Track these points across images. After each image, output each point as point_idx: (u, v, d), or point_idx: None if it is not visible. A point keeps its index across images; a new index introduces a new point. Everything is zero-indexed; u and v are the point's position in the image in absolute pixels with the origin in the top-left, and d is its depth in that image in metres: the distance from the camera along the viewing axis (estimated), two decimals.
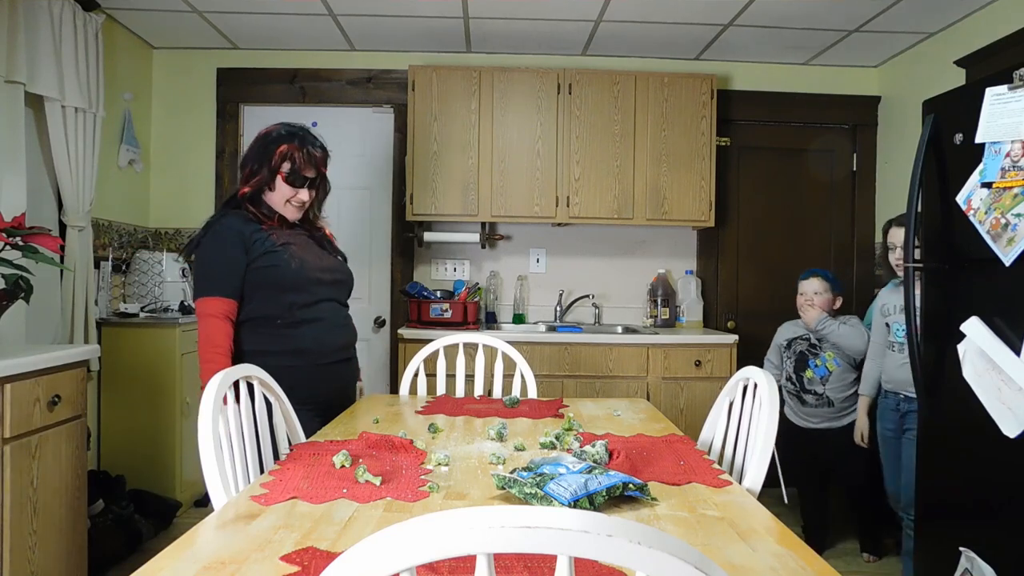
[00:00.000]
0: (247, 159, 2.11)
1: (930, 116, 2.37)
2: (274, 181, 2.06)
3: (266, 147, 2.07)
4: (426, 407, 2.22)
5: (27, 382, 2.09)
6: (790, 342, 3.17)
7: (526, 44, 3.92)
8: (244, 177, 2.09)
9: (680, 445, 1.76)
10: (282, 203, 2.09)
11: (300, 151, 2.06)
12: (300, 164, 2.06)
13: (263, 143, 2.08)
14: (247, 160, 2.11)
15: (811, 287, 3.10)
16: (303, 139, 2.09)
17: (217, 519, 1.22)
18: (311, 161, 2.09)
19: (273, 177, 2.06)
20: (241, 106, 4.08)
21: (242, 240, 2.00)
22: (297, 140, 2.08)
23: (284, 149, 2.06)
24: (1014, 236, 2.01)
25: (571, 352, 3.49)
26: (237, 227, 2.01)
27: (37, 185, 3.01)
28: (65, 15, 2.97)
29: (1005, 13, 3.05)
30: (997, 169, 2.08)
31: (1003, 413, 2.03)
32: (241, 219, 2.03)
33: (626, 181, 3.76)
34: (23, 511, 2.08)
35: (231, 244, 1.99)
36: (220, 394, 1.53)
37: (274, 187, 2.07)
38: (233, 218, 2.03)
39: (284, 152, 2.06)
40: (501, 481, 1.32)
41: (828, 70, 4.17)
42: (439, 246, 4.08)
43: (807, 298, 3.10)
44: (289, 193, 2.08)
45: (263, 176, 2.06)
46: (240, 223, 2.02)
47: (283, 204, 2.09)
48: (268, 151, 2.06)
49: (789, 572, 1.03)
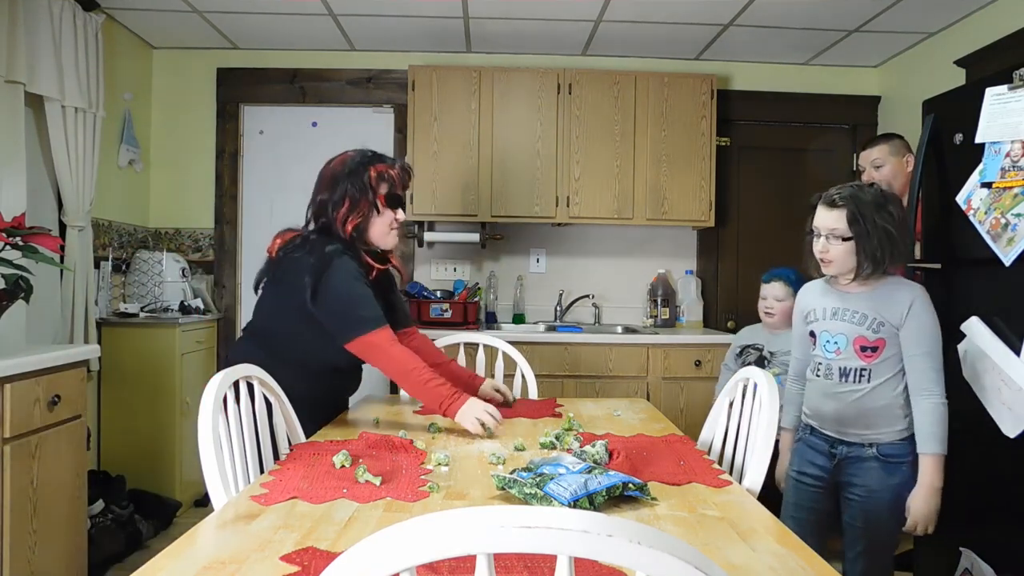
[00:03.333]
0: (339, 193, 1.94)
1: (930, 116, 2.37)
2: (377, 206, 1.96)
3: (357, 173, 1.95)
4: (424, 407, 2.22)
5: (27, 382, 2.09)
6: (743, 349, 2.79)
7: (526, 44, 3.92)
8: (344, 212, 1.93)
9: (680, 445, 1.76)
10: (386, 231, 1.99)
11: (392, 168, 1.99)
12: (395, 182, 1.99)
13: (351, 170, 1.95)
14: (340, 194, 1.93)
15: (772, 292, 2.71)
16: (384, 157, 2.02)
17: (217, 519, 1.22)
18: (401, 178, 2.02)
19: (375, 203, 1.96)
20: (241, 106, 4.08)
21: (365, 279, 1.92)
22: (385, 159, 2.00)
23: (379, 170, 1.96)
24: (1014, 236, 2.01)
25: (571, 352, 3.48)
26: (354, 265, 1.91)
27: (37, 185, 3.01)
28: (65, 15, 2.97)
29: (1005, 13, 3.05)
30: (997, 169, 2.08)
31: (1003, 413, 2.03)
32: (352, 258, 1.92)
33: (626, 181, 3.76)
34: (23, 511, 2.08)
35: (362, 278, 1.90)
36: (220, 394, 1.53)
37: (380, 212, 1.97)
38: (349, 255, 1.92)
39: (380, 172, 1.96)
40: (501, 482, 1.32)
41: (828, 70, 4.17)
42: (439, 246, 4.08)
43: (767, 304, 2.72)
44: (391, 217, 1.99)
45: (366, 203, 1.94)
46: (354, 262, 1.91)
47: (387, 232, 2.00)
48: (362, 177, 1.94)
49: (789, 572, 1.03)
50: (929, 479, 1.80)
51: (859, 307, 1.88)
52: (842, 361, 1.89)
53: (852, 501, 1.90)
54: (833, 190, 1.91)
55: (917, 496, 1.82)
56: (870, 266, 1.83)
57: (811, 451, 2.01)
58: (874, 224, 1.81)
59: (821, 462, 1.97)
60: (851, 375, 1.89)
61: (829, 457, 1.96)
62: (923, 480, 1.81)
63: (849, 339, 1.88)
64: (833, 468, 1.95)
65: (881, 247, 1.81)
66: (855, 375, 1.88)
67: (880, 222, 1.82)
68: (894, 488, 1.85)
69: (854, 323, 1.88)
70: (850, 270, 1.87)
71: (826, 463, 1.96)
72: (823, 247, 1.90)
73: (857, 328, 1.87)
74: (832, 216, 1.87)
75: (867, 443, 1.89)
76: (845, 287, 1.93)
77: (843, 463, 1.92)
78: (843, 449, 1.92)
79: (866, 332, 1.86)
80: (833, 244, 1.87)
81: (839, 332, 1.91)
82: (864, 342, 1.86)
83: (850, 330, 1.88)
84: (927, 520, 1.82)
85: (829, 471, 1.95)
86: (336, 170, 1.97)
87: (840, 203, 1.86)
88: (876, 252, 1.82)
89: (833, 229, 1.86)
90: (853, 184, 1.92)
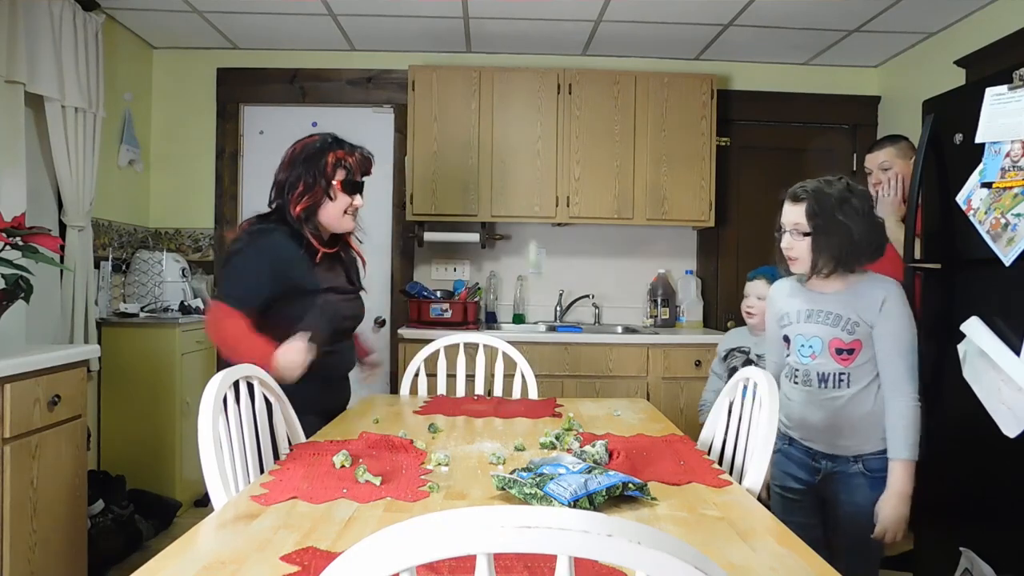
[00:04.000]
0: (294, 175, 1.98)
1: (930, 116, 2.37)
2: (331, 192, 2.00)
3: (315, 158, 1.99)
4: (424, 407, 2.22)
5: (27, 382, 2.09)
6: (728, 352, 2.63)
7: (526, 44, 3.92)
8: (297, 195, 1.97)
9: (680, 445, 1.76)
10: (339, 215, 2.02)
11: (351, 156, 2.02)
12: (354, 169, 2.03)
13: (309, 155, 1.99)
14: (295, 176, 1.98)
15: (755, 290, 2.53)
16: (344, 144, 2.05)
17: (217, 519, 1.22)
18: (361, 165, 2.05)
19: (329, 188, 1.99)
20: (241, 106, 4.08)
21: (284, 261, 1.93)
22: (344, 146, 2.03)
23: (336, 156, 2.00)
24: (1014, 236, 2.01)
25: (571, 352, 3.48)
26: (281, 246, 1.94)
27: (37, 185, 3.01)
28: (65, 15, 2.97)
29: (1005, 13, 3.05)
30: (997, 169, 2.08)
31: (1003, 413, 2.03)
32: (285, 237, 1.95)
33: (626, 181, 3.76)
34: (23, 511, 2.08)
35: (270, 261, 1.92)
36: (220, 394, 1.53)
37: (334, 198, 2.00)
38: (279, 235, 1.95)
39: (337, 159, 2.00)
40: (501, 482, 1.32)
41: (828, 70, 4.17)
42: (439, 246, 4.08)
43: (749, 304, 2.54)
44: (346, 202, 2.02)
45: (320, 188, 1.98)
46: (284, 242, 1.95)
47: (340, 216, 2.03)
48: (319, 161, 1.98)
49: (789, 572, 1.03)
50: (899, 486, 1.72)
51: (832, 307, 1.80)
52: (819, 366, 1.82)
53: (839, 518, 1.83)
54: (799, 184, 1.84)
55: (886, 503, 1.73)
56: (829, 264, 1.76)
57: (792, 464, 1.92)
58: (833, 219, 1.74)
59: (804, 476, 1.89)
60: (830, 380, 1.81)
61: (812, 471, 1.88)
62: (893, 487, 1.72)
63: (824, 342, 1.81)
64: (818, 483, 1.87)
65: (841, 244, 1.74)
66: (834, 380, 1.81)
67: (841, 217, 1.73)
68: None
69: (828, 324, 1.81)
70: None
71: (809, 477, 1.89)
72: (787, 243, 1.83)
73: (832, 330, 1.80)
74: (795, 211, 1.81)
75: (852, 457, 1.81)
76: (818, 287, 1.85)
77: (828, 478, 1.85)
78: (827, 464, 1.84)
79: (841, 333, 1.79)
80: (796, 240, 1.80)
81: (813, 335, 1.83)
82: (840, 344, 1.79)
83: (825, 332, 1.81)
84: (896, 527, 1.73)
85: (813, 485, 1.88)
86: (296, 153, 2.02)
87: (802, 197, 1.79)
88: (835, 249, 1.74)
89: (796, 224, 1.80)
90: (822, 178, 1.84)
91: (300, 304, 1.95)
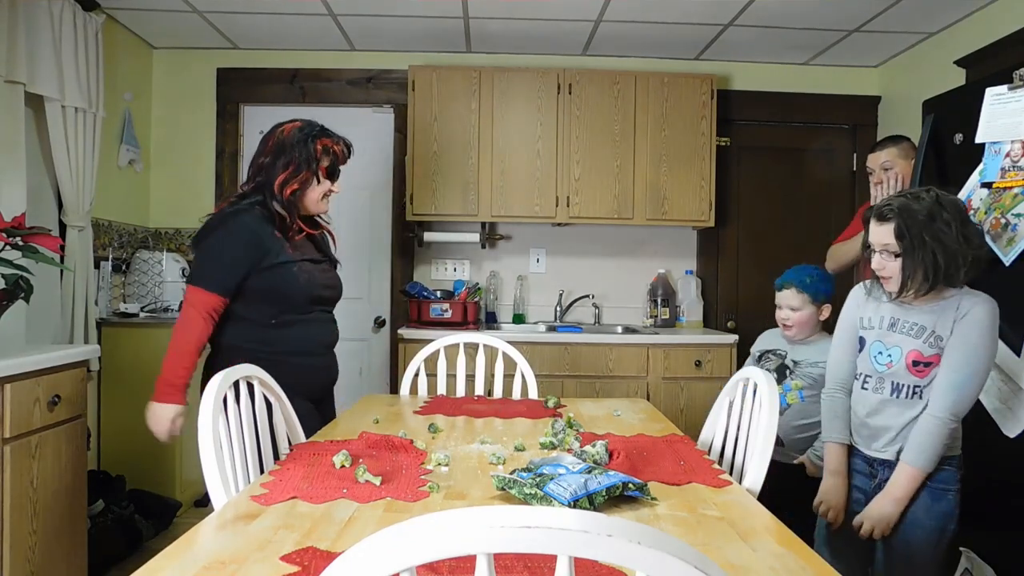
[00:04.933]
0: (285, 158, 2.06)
1: (930, 116, 2.37)
2: (318, 177, 2.09)
3: (305, 143, 2.07)
4: (423, 407, 2.22)
5: (27, 382, 2.09)
6: (762, 355, 2.51)
7: (526, 44, 3.92)
8: (287, 176, 2.05)
9: (680, 445, 1.76)
10: (319, 199, 2.12)
11: (337, 144, 2.14)
12: (338, 157, 2.14)
13: (300, 140, 2.07)
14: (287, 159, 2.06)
15: (786, 301, 2.38)
16: (331, 133, 2.16)
17: (217, 519, 1.22)
18: (344, 154, 2.17)
19: (316, 173, 2.09)
20: (241, 106, 4.08)
21: (256, 244, 1.99)
22: (331, 135, 2.14)
23: (325, 144, 2.10)
24: (1014, 236, 2.01)
25: (571, 352, 3.48)
26: (253, 228, 1.99)
27: (37, 185, 3.01)
28: (65, 15, 2.97)
29: (1005, 13, 3.05)
30: (997, 169, 2.08)
31: (1003, 413, 2.03)
32: (258, 219, 2.01)
33: (626, 181, 3.76)
34: (23, 511, 2.08)
35: (243, 244, 1.97)
36: (220, 394, 1.53)
37: (319, 181, 2.10)
38: (250, 217, 2.01)
39: (325, 147, 2.10)
40: (501, 482, 1.32)
41: (828, 70, 4.17)
42: (439, 246, 4.07)
43: (783, 316, 2.40)
44: (327, 187, 2.13)
45: (309, 172, 2.07)
46: (257, 223, 2.00)
47: (319, 200, 2.13)
48: (310, 147, 2.07)
49: (789, 572, 1.03)
50: (895, 489, 1.71)
51: (919, 319, 1.74)
52: (893, 375, 1.77)
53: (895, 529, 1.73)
54: (884, 200, 1.77)
55: (877, 500, 1.73)
56: (922, 286, 1.69)
57: (856, 474, 1.87)
58: (921, 239, 1.66)
59: (862, 484, 1.84)
60: (903, 391, 1.75)
61: (870, 477, 1.83)
62: (889, 487, 1.72)
63: (904, 352, 1.75)
64: (872, 491, 1.79)
65: (935, 262, 1.66)
66: (908, 391, 1.75)
67: (931, 234, 1.66)
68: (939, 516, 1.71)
69: (911, 335, 1.74)
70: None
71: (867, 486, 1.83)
72: (878, 263, 1.75)
73: (914, 341, 1.74)
74: (882, 230, 1.73)
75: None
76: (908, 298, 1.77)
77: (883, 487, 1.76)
78: (885, 471, 1.77)
79: (922, 346, 1.72)
80: (887, 260, 1.73)
81: (894, 344, 1.77)
82: (918, 356, 1.73)
83: (906, 343, 1.75)
84: (878, 525, 1.71)
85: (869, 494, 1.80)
86: (286, 137, 2.09)
87: (889, 216, 1.71)
88: (927, 269, 1.67)
89: (886, 245, 1.72)
90: (909, 192, 1.76)
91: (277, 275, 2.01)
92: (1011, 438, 2.00)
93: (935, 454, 1.68)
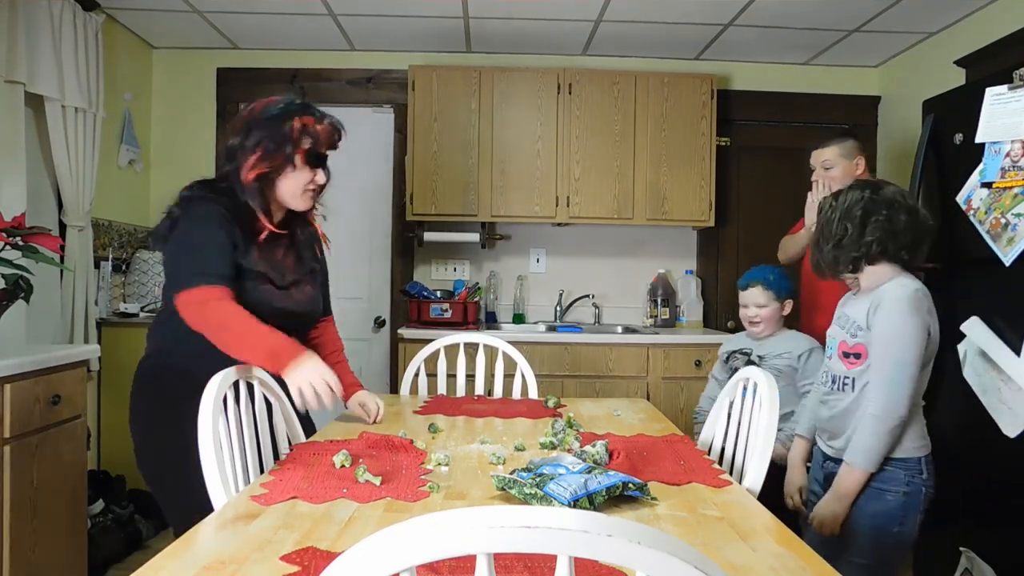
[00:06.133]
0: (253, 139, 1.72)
1: (930, 116, 2.37)
2: (293, 162, 1.73)
3: (277, 120, 1.71)
4: (424, 407, 2.22)
5: (27, 382, 2.09)
6: (729, 355, 2.54)
7: (526, 44, 3.92)
8: (254, 160, 1.70)
9: (680, 445, 1.76)
10: (299, 191, 1.76)
11: (319, 124, 1.75)
12: (320, 139, 1.75)
13: (271, 116, 1.72)
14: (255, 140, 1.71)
15: (752, 299, 2.42)
16: (312, 109, 1.77)
17: (217, 519, 1.22)
18: (329, 137, 1.78)
19: (293, 156, 1.72)
20: (241, 106, 4.06)
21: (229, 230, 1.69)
22: (313, 112, 1.76)
23: (302, 122, 1.72)
24: (1014, 236, 2.01)
25: (571, 352, 3.48)
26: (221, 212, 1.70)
27: (37, 185, 3.01)
28: (65, 15, 2.97)
29: (1005, 13, 3.05)
30: (997, 169, 2.08)
31: (1003, 413, 2.03)
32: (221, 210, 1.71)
33: (626, 181, 3.76)
34: (23, 511, 2.08)
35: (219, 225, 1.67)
36: (220, 394, 1.53)
37: (295, 168, 1.73)
38: (212, 208, 1.71)
39: (303, 126, 1.72)
40: (501, 482, 1.32)
41: (828, 70, 4.17)
42: (439, 246, 4.07)
43: (750, 314, 2.43)
44: (307, 177, 1.75)
45: (282, 156, 1.71)
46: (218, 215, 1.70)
47: (299, 192, 1.76)
48: (282, 125, 1.70)
49: (789, 572, 1.03)
50: (838, 487, 1.71)
51: (851, 310, 1.80)
52: (832, 368, 1.83)
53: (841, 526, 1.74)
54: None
55: (824, 497, 1.76)
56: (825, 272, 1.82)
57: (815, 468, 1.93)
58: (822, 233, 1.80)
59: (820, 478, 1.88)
60: (837, 382, 1.80)
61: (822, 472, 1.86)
62: (834, 486, 1.73)
63: (836, 343, 1.81)
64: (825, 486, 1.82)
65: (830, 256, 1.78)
66: (839, 383, 1.79)
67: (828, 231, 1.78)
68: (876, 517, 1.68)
69: (840, 326, 1.81)
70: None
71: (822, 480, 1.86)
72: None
73: (842, 332, 1.80)
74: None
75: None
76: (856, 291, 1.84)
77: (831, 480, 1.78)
78: (831, 466, 1.81)
79: (847, 336, 1.77)
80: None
81: (833, 336, 1.84)
82: (845, 347, 1.78)
83: (839, 334, 1.81)
84: (825, 523, 1.73)
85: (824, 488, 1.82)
86: (255, 114, 1.74)
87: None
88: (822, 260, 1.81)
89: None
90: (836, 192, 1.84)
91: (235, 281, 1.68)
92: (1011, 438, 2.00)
93: (876, 453, 1.66)
